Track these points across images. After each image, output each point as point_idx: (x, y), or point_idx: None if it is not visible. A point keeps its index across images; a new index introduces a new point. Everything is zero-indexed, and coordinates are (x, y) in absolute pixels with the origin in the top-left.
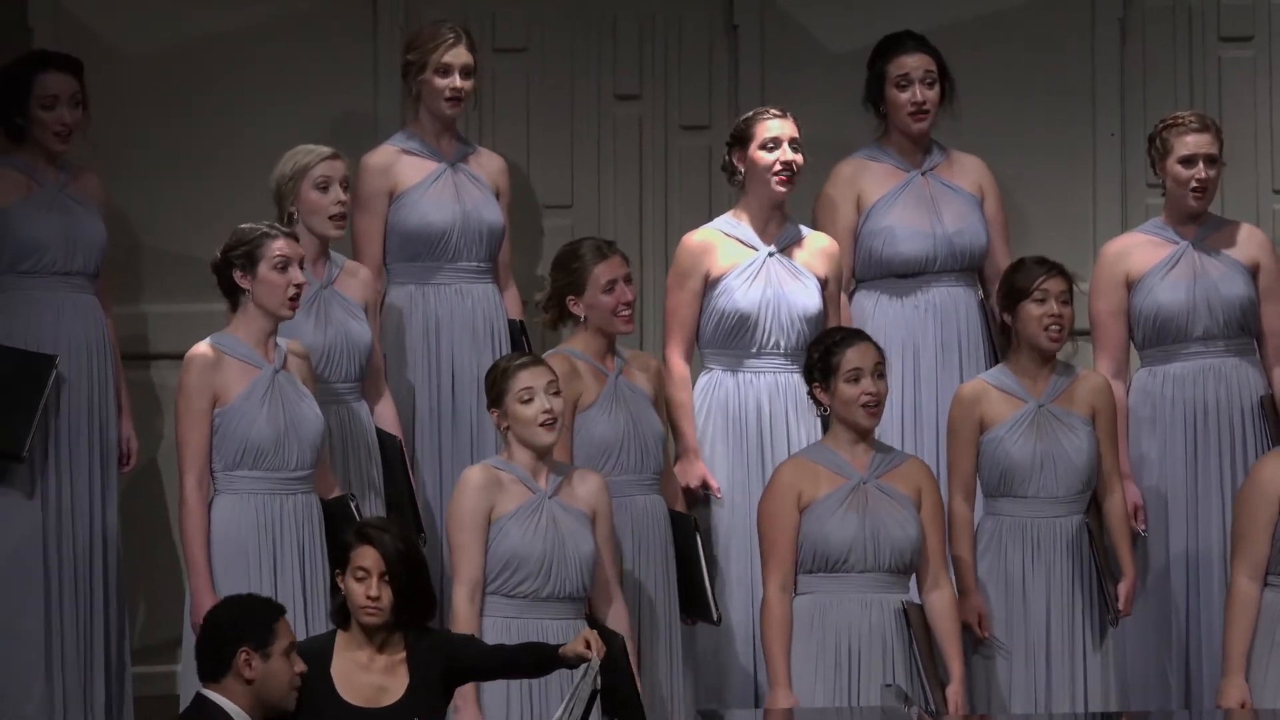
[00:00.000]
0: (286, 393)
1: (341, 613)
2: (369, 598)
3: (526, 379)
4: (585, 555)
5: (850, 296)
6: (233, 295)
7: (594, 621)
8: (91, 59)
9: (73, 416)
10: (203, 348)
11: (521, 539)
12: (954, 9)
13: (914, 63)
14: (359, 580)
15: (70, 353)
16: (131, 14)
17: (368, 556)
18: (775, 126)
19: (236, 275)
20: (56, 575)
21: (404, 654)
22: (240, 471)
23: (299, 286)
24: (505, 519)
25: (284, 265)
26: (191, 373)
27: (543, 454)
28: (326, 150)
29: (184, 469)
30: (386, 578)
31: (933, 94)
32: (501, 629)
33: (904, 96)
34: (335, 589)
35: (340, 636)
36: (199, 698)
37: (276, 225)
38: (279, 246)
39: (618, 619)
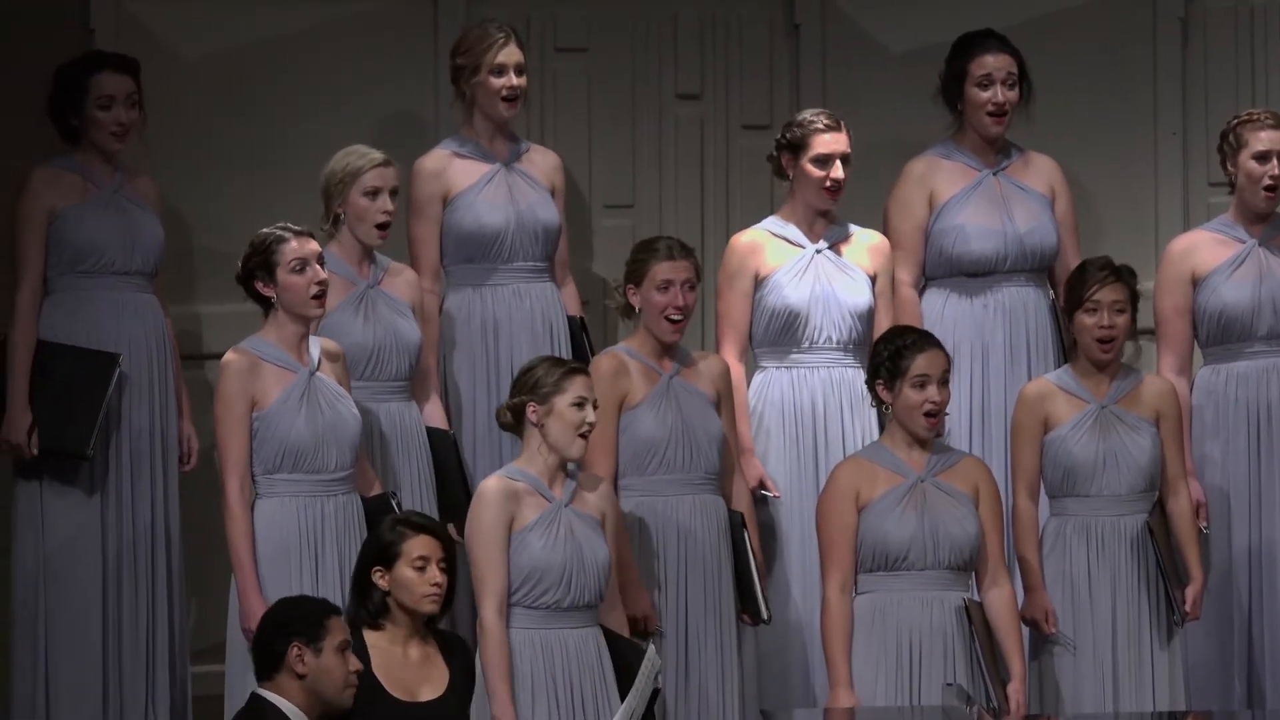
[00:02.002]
0: (323, 394)
1: (380, 609)
2: (435, 585)
3: (582, 387)
4: (602, 562)
5: (920, 294)
6: (263, 302)
7: (610, 634)
8: (152, 59)
9: (134, 416)
10: (237, 353)
11: (542, 550)
12: (1015, 9)
13: (997, 63)
14: (419, 569)
15: (131, 352)
16: (192, 15)
17: (427, 545)
18: (829, 141)
19: (259, 285)
20: (116, 574)
21: (436, 647)
22: (280, 475)
23: (321, 284)
24: (525, 531)
25: (301, 266)
26: (228, 378)
27: (564, 463)
28: (379, 156)
29: (226, 473)
30: (443, 564)
31: (1013, 95)
32: (525, 640)
33: (985, 96)
34: (367, 588)
35: (369, 635)
36: (254, 697)
37: (288, 226)
38: (292, 249)
39: (619, 620)
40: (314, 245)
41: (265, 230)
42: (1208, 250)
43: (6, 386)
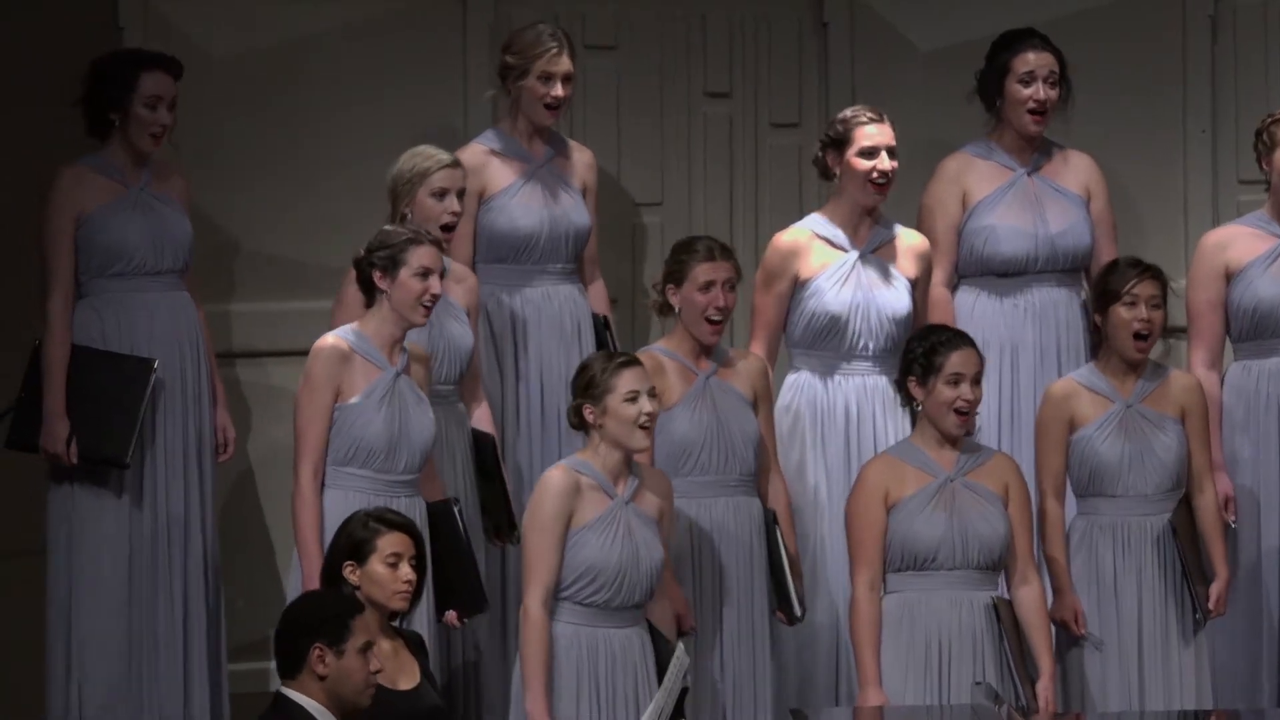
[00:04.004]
0: (405, 397)
1: None
2: (406, 582)
3: (632, 380)
4: (656, 564)
5: (952, 293)
6: (369, 293)
7: (650, 628)
8: (182, 58)
9: (168, 416)
10: (334, 339)
11: (599, 550)
12: (1045, 6)
13: (1039, 60)
14: (391, 566)
15: (164, 353)
16: (220, 14)
17: (400, 542)
18: (873, 133)
19: (376, 275)
20: (152, 574)
21: (401, 643)
22: (349, 469)
23: (435, 296)
24: (584, 529)
25: (425, 274)
26: (319, 363)
27: (630, 457)
28: (447, 157)
29: (300, 457)
30: (414, 561)
31: (1054, 94)
32: (571, 635)
33: (1026, 93)
34: (337, 583)
35: None
36: (278, 696)
37: (422, 232)
38: (422, 255)
39: (664, 613)
40: (441, 258)
41: (399, 228)
42: (1243, 244)
43: (42, 395)
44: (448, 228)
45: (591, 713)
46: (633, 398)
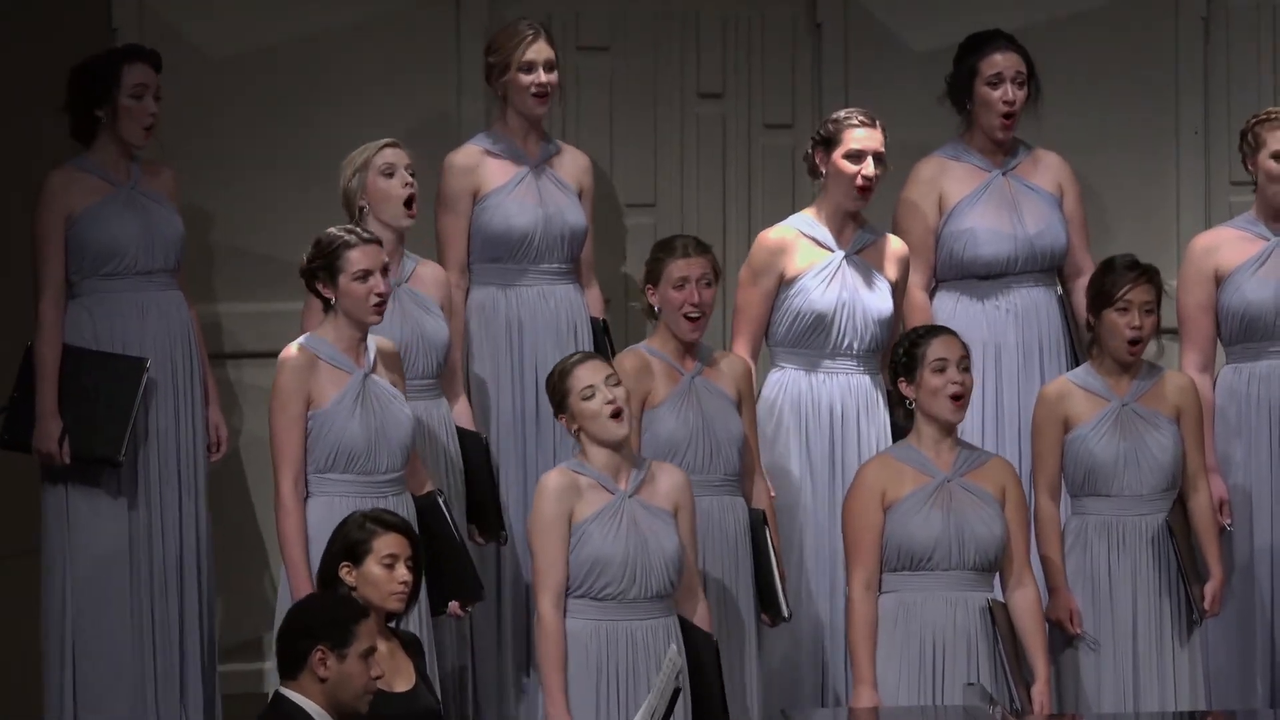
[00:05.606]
0: (378, 396)
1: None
2: (402, 583)
3: (584, 376)
4: (670, 554)
5: (931, 296)
6: (324, 300)
7: (684, 623)
8: (175, 59)
9: (160, 415)
10: (295, 350)
11: (603, 542)
12: (1037, 7)
13: (1006, 62)
14: (387, 567)
15: (156, 352)
16: (215, 15)
17: (396, 543)
18: (862, 137)
19: (319, 285)
20: (148, 574)
21: (398, 644)
22: (332, 474)
23: (382, 295)
24: (585, 523)
25: (364, 276)
26: (286, 374)
27: (617, 448)
28: (384, 140)
29: (279, 470)
30: (410, 562)
31: (1022, 94)
32: (591, 631)
33: (995, 95)
34: (333, 584)
35: None
36: (277, 696)
37: (356, 231)
38: (356, 258)
39: (702, 616)
40: (380, 255)
41: (334, 232)
42: (1231, 247)
43: (35, 395)
44: (408, 203)
45: (614, 705)
46: (589, 394)
